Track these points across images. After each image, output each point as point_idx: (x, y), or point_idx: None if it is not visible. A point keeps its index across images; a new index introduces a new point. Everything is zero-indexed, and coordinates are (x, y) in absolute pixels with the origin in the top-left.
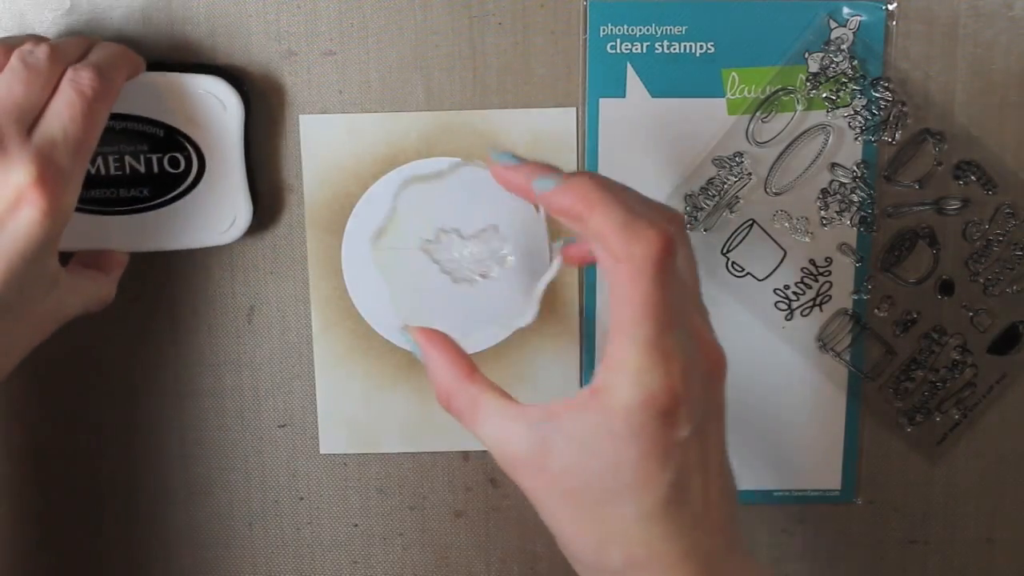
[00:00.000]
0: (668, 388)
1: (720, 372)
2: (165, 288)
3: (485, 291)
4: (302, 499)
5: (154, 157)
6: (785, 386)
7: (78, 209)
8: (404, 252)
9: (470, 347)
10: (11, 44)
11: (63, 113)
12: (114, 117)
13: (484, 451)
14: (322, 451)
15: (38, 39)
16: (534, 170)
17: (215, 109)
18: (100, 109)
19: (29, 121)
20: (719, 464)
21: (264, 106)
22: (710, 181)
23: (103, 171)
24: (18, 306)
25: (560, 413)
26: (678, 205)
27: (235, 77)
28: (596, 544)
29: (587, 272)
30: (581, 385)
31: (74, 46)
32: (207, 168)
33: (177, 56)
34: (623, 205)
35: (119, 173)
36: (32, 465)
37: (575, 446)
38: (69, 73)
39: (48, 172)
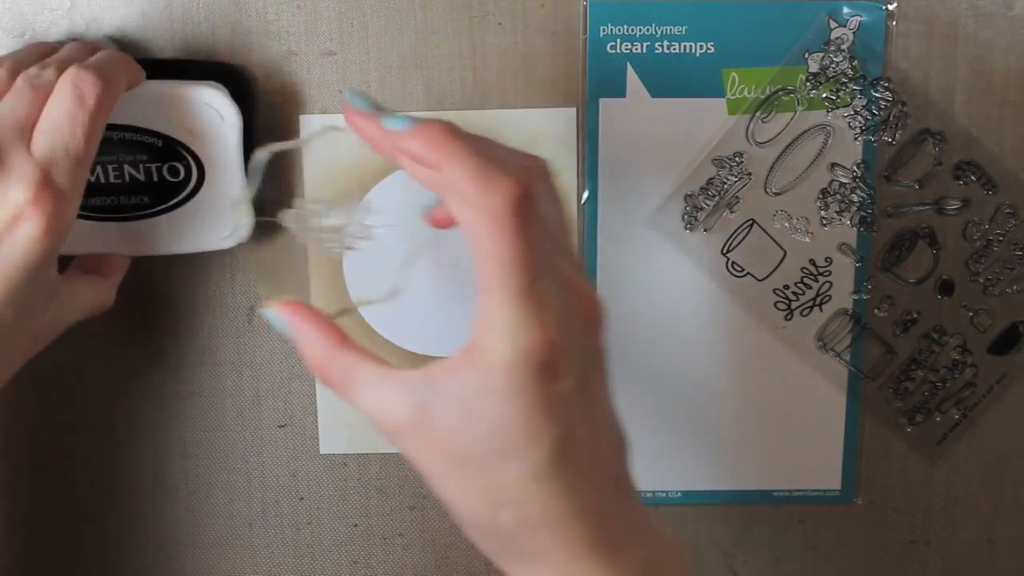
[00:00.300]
0: (544, 339)
1: (597, 320)
2: (165, 289)
3: (350, 262)
4: (302, 499)
5: (153, 167)
6: (785, 386)
7: (79, 215)
8: (264, 222)
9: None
10: (19, 62)
11: (64, 128)
12: (112, 128)
13: None
14: (322, 451)
15: (44, 53)
16: (386, 112)
17: (213, 121)
18: (100, 119)
19: (30, 135)
20: (605, 415)
21: (264, 106)
22: (710, 181)
23: (102, 179)
24: (17, 320)
25: (438, 375)
26: (678, 205)
27: (238, 80)
28: (487, 507)
29: (587, 273)
30: None
31: (77, 53)
32: (206, 178)
33: (177, 56)
34: (477, 152)
35: (119, 182)
36: (31, 465)
37: (456, 407)
38: (71, 72)
39: (48, 190)
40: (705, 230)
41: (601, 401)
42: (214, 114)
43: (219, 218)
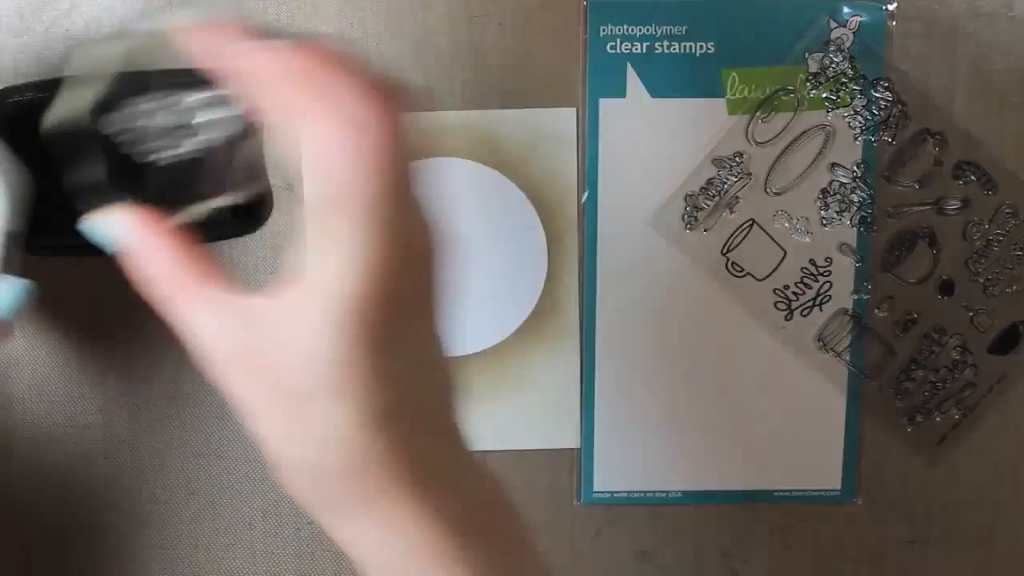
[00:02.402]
0: (383, 275)
1: (429, 253)
2: None
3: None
4: None
5: None
6: (785, 386)
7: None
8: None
9: (465, 348)
10: None
11: None
12: None
13: (484, 451)
14: None
15: None
16: (232, 32)
17: None
18: None
19: None
20: (434, 357)
21: None
22: (710, 181)
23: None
24: None
25: (263, 304)
26: (678, 205)
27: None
28: (312, 449)
29: (587, 273)
30: (581, 386)
31: None
32: None
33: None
34: (350, 71)
35: None
36: (31, 466)
37: (288, 340)
38: None
39: None
40: (705, 230)
41: (430, 342)
42: None
43: None
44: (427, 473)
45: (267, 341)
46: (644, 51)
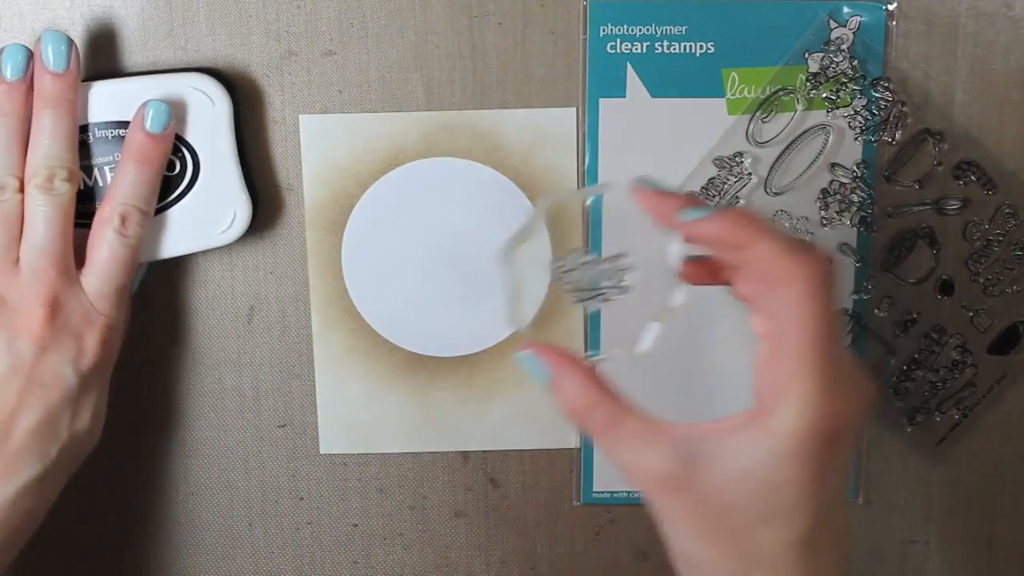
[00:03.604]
0: (840, 412)
1: (868, 402)
2: (165, 288)
3: (602, 314)
4: (302, 499)
5: None
6: None
7: (79, 226)
8: (533, 266)
9: (465, 348)
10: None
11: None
12: (105, 126)
13: (484, 451)
14: (322, 451)
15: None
16: (681, 201)
17: (203, 105)
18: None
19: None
20: (841, 490)
21: (264, 106)
22: (710, 181)
23: (100, 183)
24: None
25: (713, 432)
26: None
27: (223, 75)
28: (739, 567)
29: None
30: None
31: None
32: (201, 166)
33: (177, 56)
34: (781, 233)
35: None
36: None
37: (729, 466)
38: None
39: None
40: None
41: (844, 481)
42: (204, 99)
43: (217, 211)
44: None
45: (714, 467)
46: (644, 51)
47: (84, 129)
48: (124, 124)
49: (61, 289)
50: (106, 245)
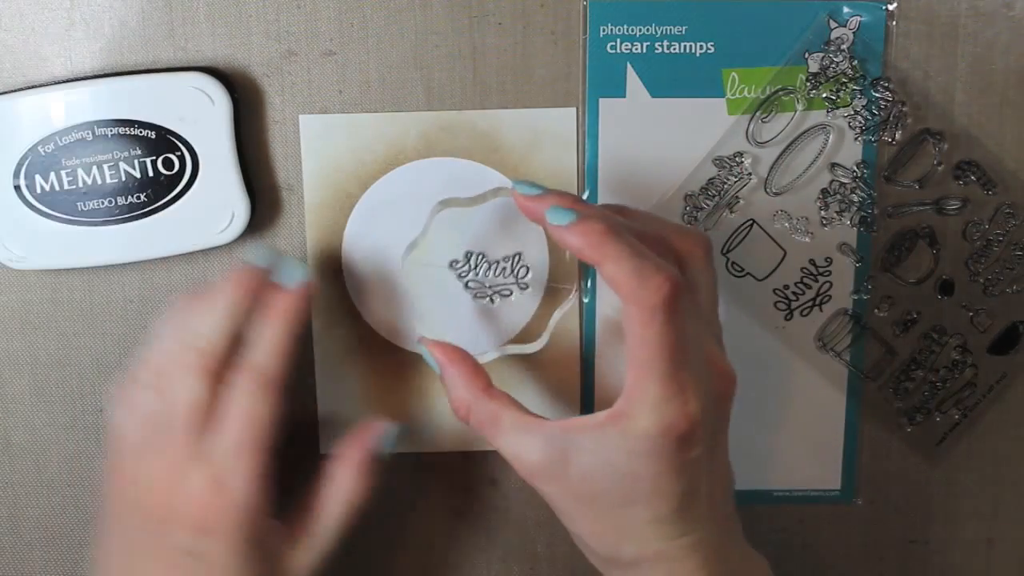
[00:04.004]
0: (684, 416)
1: (730, 391)
2: (165, 288)
3: (501, 311)
4: None
5: (148, 160)
6: (784, 386)
7: (77, 224)
8: (432, 268)
9: (479, 346)
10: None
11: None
12: (104, 124)
13: (484, 451)
14: (322, 451)
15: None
16: (551, 200)
17: (203, 105)
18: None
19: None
20: (723, 467)
21: (264, 106)
22: (710, 181)
23: (99, 180)
24: None
25: (578, 430)
26: (678, 205)
27: (223, 75)
28: (610, 541)
29: (588, 274)
30: (582, 397)
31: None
32: (201, 166)
33: (177, 56)
34: (632, 250)
35: (115, 181)
36: (32, 465)
37: (593, 459)
38: (238, 397)
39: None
40: (705, 230)
41: (721, 457)
42: (204, 98)
43: (216, 210)
44: (708, 559)
45: (580, 459)
46: (644, 51)
47: (85, 127)
48: (125, 122)
49: None
50: None
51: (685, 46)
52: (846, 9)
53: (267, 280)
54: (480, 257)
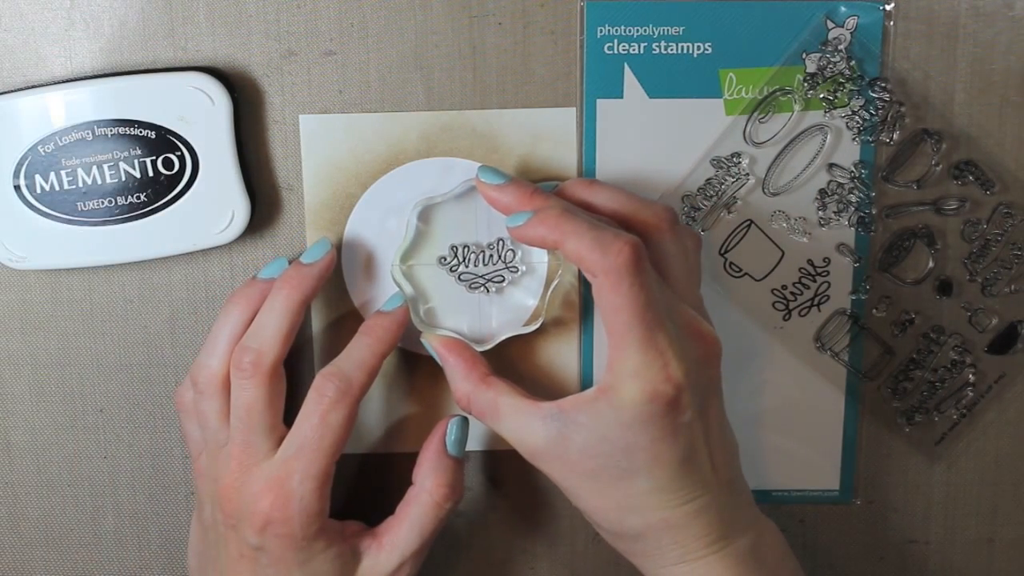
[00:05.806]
0: (667, 380)
1: (714, 354)
2: (165, 288)
3: (498, 298)
4: None
5: (148, 160)
6: (783, 386)
7: (77, 224)
8: (422, 268)
9: (480, 346)
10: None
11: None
12: (104, 124)
13: (484, 451)
14: None
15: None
16: (511, 202)
17: (203, 104)
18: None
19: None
20: (720, 432)
21: (264, 106)
22: (708, 181)
23: (99, 180)
24: None
25: (572, 408)
26: (676, 205)
27: (223, 75)
28: (616, 514)
29: None
30: (580, 378)
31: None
32: (200, 166)
33: (177, 56)
34: (589, 224)
35: (115, 181)
36: (32, 465)
37: (590, 436)
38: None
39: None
40: (703, 230)
41: (717, 422)
42: (204, 98)
43: (215, 210)
44: (713, 524)
45: (578, 436)
46: (641, 52)
47: (85, 127)
48: (124, 122)
49: None
50: None
51: (682, 47)
52: (843, 9)
53: (326, 278)
54: (466, 249)
